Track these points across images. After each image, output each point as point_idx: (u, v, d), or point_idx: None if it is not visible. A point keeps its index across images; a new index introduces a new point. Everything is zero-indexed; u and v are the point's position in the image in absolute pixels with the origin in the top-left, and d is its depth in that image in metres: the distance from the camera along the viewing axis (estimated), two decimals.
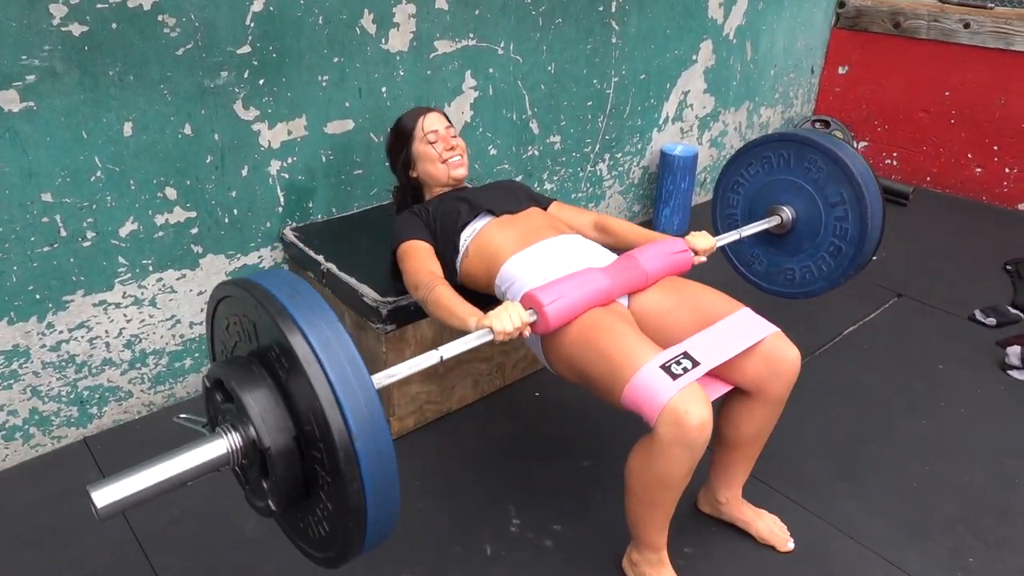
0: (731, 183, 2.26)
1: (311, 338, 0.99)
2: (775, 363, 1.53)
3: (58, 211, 1.82)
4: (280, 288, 1.05)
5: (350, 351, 1.01)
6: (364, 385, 1.00)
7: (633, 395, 1.36)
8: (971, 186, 3.89)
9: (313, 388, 0.97)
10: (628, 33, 2.99)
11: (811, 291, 2.13)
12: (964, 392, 2.33)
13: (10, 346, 1.87)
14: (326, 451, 1.00)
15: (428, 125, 1.96)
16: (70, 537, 1.75)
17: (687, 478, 1.40)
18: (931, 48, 3.82)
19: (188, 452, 1.06)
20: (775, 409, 1.60)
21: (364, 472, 0.99)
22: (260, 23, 1.98)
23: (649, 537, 1.53)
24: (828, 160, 2.01)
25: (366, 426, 0.98)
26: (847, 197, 1.99)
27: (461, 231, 1.85)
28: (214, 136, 2.00)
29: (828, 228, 2.05)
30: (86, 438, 2.07)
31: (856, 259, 2.02)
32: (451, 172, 1.96)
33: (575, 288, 1.50)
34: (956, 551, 1.75)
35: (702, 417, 1.31)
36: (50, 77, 1.70)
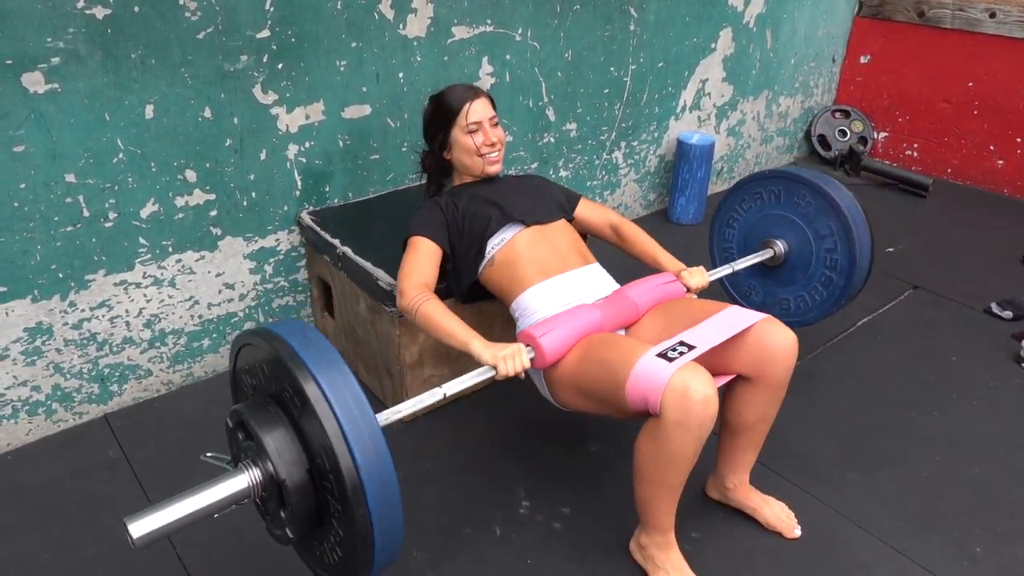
0: (726, 218, 2.36)
1: (321, 382, 1.11)
2: (770, 347, 1.56)
3: (81, 192, 1.86)
4: (294, 337, 1.18)
5: (356, 393, 1.13)
6: (368, 422, 1.12)
7: (635, 386, 1.39)
8: (993, 178, 3.84)
9: (323, 427, 1.09)
10: (647, 20, 2.98)
11: (806, 320, 2.21)
12: (977, 385, 2.32)
13: (34, 323, 1.91)
14: (336, 483, 1.11)
15: (472, 115, 1.81)
16: (91, 512, 1.80)
17: (694, 458, 1.42)
18: (955, 38, 3.77)
19: (214, 487, 1.18)
20: (776, 393, 1.62)
21: (370, 500, 1.10)
22: (279, 7, 2.00)
23: (657, 519, 1.55)
24: (816, 195, 2.10)
25: (371, 459, 1.10)
26: (835, 230, 2.08)
27: (489, 238, 1.82)
28: (233, 120, 2.03)
29: (819, 259, 2.14)
30: (107, 414, 2.12)
31: (847, 289, 2.10)
32: (486, 168, 1.87)
33: (569, 323, 1.60)
34: (963, 542, 1.75)
35: (705, 392, 1.34)
36: (74, 59, 1.73)
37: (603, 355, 1.51)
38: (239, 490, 1.18)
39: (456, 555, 1.70)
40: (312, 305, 2.44)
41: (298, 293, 2.40)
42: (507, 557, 1.69)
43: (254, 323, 2.33)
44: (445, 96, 1.86)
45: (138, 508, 1.77)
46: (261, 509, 1.27)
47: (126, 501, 1.82)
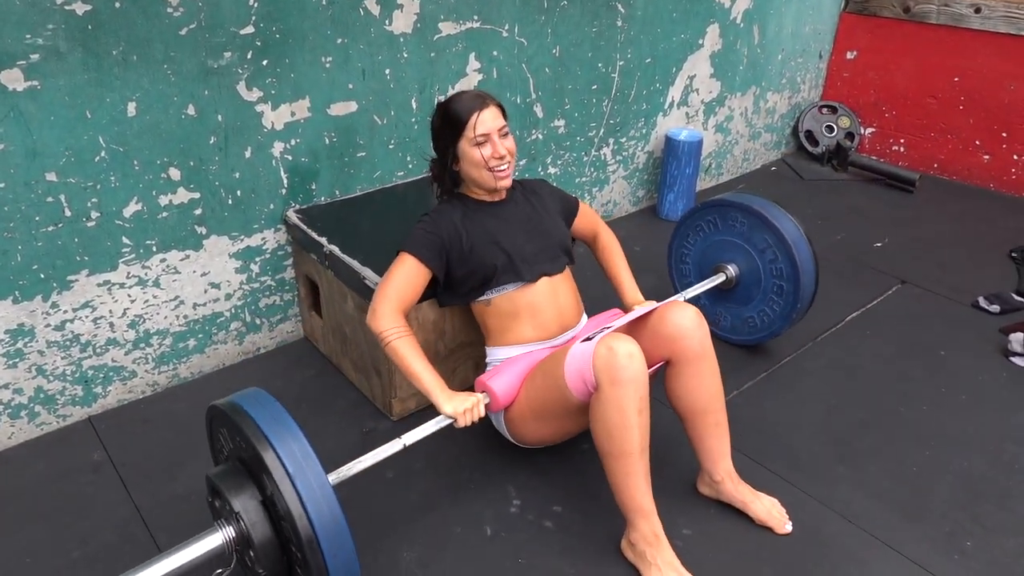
0: (679, 256, 2.51)
1: (279, 451, 1.28)
2: (674, 323, 1.69)
3: (62, 191, 1.83)
4: (256, 410, 1.35)
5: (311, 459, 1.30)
6: (321, 484, 1.29)
7: (570, 371, 1.57)
8: (979, 173, 3.86)
9: (281, 490, 1.26)
10: (634, 16, 2.97)
11: (774, 331, 2.31)
12: (966, 378, 2.33)
13: (15, 325, 1.88)
14: (295, 538, 1.28)
15: (481, 127, 1.71)
16: (75, 514, 1.77)
17: (642, 416, 1.52)
18: (941, 33, 3.78)
19: (193, 544, 1.34)
20: (700, 366, 1.70)
21: (326, 553, 1.27)
22: (264, 3, 1.97)
23: (633, 500, 1.57)
24: (747, 214, 2.25)
25: (325, 517, 1.27)
26: (771, 241, 2.21)
27: (490, 285, 1.80)
28: (217, 117, 2.01)
29: (766, 271, 2.26)
30: (91, 417, 2.09)
31: (798, 292, 2.20)
32: (495, 183, 1.78)
33: (518, 366, 1.75)
34: (954, 535, 1.76)
35: (628, 348, 1.49)
36: (54, 56, 1.71)
37: (541, 369, 1.69)
38: (215, 547, 1.35)
39: (446, 554, 1.68)
40: (299, 304, 2.42)
41: (285, 292, 2.37)
42: (498, 556, 1.68)
43: (240, 322, 2.30)
44: (453, 105, 1.75)
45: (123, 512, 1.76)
46: (240, 563, 1.43)
47: (110, 504, 1.80)
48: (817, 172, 4.06)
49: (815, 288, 2.26)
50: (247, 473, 1.37)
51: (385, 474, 1.89)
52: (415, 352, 1.67)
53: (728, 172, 3.95)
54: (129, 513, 1.77)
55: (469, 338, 2.12)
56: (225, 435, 1.45)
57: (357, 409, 2.14)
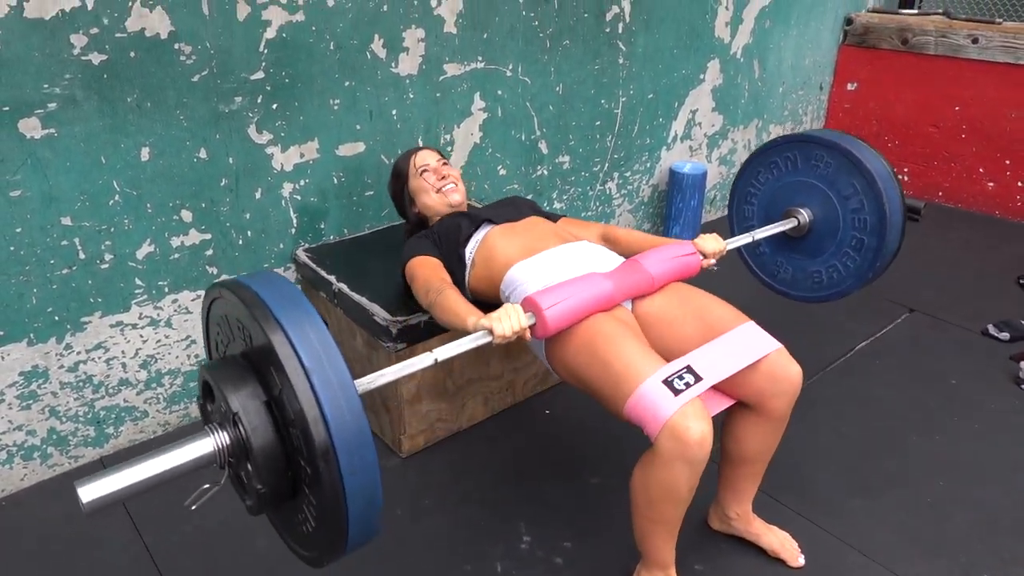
0: (744, 195, 2.26)
1: (294, 341, 1.01)
2: (777, 380, 1.53)
3: (77, 234, 1.86)
4: (266, 289, 1.08)
5: (330, 348, 1.03)
6: (344, 385, 1.02)
7: (635, 409, 1.38)
8: (983, 200, 3.87)
9: (294, 389, 0.99)
10: (635, 53, 3.03)
11: (842, 290, 2.09)
12: (977, 407, 2.31)
13: (29, 367, 1.90)
14: (307, 449, 1.02)
15: (419, 161, 2.05)
16: (85, 557, 1.77)
17: (690, 493, 1.40)
18: (940, 64, 3.83)
19: (176, 449, 1.08)
20: (778, 426, 1.60)
21: (342, 462, 1.00)
22: (273, 49, 2.03)
23: (656, 554, 1.53)
24: (834, 153, 1.99)
25: (344, 419, 1.00)
26: (859, 188, 1.96)
27: (465, 244, 1.88)
28: (228, 160, 2.05)
29: (846, 222, 2.01)
30: (103, 457, 2.10)
31: (880, 250, 1.98)
32: (447, 200, 2.01)
33: (576, 292, 1.50)
34: (970, 567, 1.73)
35: (702, 432, 1.32)
36: (71, 105, 1.76)
37: (608, 359, 1.44)
38: (204, 453, 1.09)
39: None
40: None
41: None
42: None
43: None
44: (395, 163, 2.13)
45: (133, 551, 1.77)
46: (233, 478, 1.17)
47: (121, 544, 1.80)
48: None
49: (898, 247, 2.03)
50: (250, 368, 1.11)
51: (394, 511, 1.89)
52: (455, 295, 1.60)
53: None
54: (140, 553, 1.78)
55: (477, 374, 2.13)
56: (225, 324, 1.19)
57: None
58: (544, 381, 2.36)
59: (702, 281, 1.74)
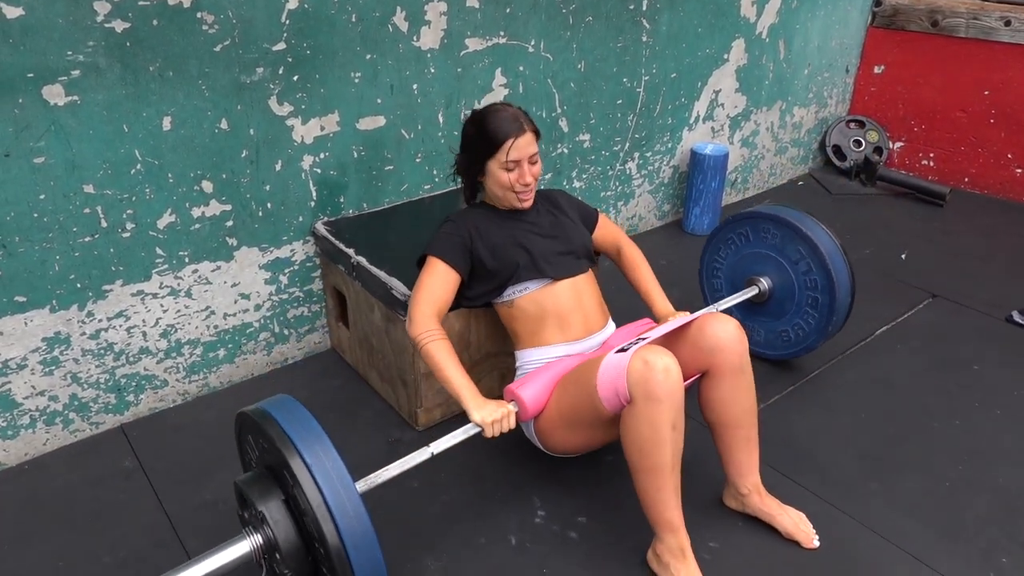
0: (711, 270, 2.48)
1: (307, 459, 1.27)
2: (713, 336, 1.65)
3: (99, 202, 1.88)
4: (284, 416, 1.35)
5: (339, 468, 1.29)
6: (350, 494, 1.28)
7: (603, 383, 1.53)
8: (1011, 187, 3.80)
9: (309, 500, 1.25)
10: (659, 32, 2.99)
11: (809, 346, 2.27)
12: (1000, 393, 2.28)
13: (52, 333, 1.93)
14: (323, 549, 1.27)
15: (514, 152, 1.72)
16: (107, 521, 1.80)
17: (676, 432, 1.49)
18: (970, 46, 3.75)
19: (221, 552, 1.34)
20: (736, 380, 1.67)
21: (354, 565, 1.26)
22: (295, 20, 2.02)
23: (663, 512, 1.55)
24: (779, 225, 2.22)
25: (353, 528, 1.26)
26: (804, 252, 2.18)
27: (513, 283, 1.82)
28: (249, 131, 2.05)
29: (800, 284, 2.22)
30: (123, 424, 2.13)
31: (833, 306, 2.16)
32: (515, 205, 1.83)
33: (548, 374, 1.72)
34: (989, 552, 1.71)
35: (665, 362, 1.46)
36: (93, 72, 1.76)
37: (573, 378, 1.65)
38: (243, 554, 1.35)
39: (471, 565, 1.68)
40: (327, 315, 2.45)
41: (313, 303, 2.40)
42: (523, 566, 1.67)
43: (269, 333, 2.33)
44: (488, 123, 1.74)
45: (153, 518, 1.79)
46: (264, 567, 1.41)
47: (141, 510, 1.83)
48: (845, 187, 4.03)
49: (851, 300, 2.21)
50: (274, 479, 1.37)
51: (410, 484, 1.90)
52: (449, 356, 1.66)
53: (754, 186, 3.94)
54: (159, 519, 1.80)
55: (495, 348, 2.13)
56: (252, 442, 1.45)
57: (383, 419, 2.15)
58: None
59: None
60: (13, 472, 1.96)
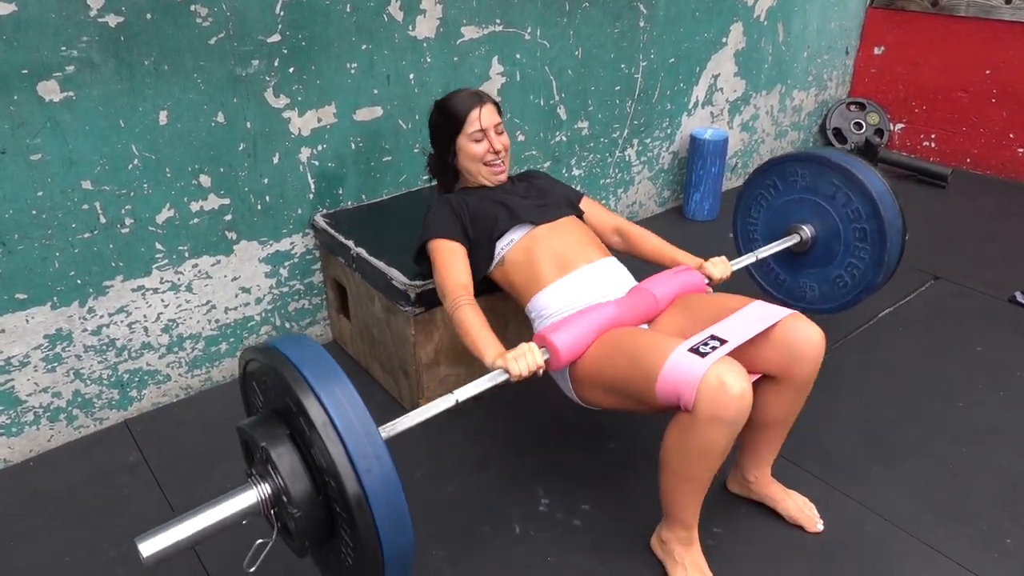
0: (746, 234, 2.33)
1: (323, 398, 1.11)
2: (797, 344, 1.51)
3: (97, 198, 1.87)
4: (296, 352, 1.17)
5: (358, 407, 1.13)
6: (371, 436, 1.12)
7: (668, 381, 1.36)
8: (1013, 166, 3.78)
9: (325, 442, 1.08)
10: (656, 16, 2.97)
11: (868, 284, 2.12)
12: (1003, 375, 2.28)
13: (53, 330, 1.93)
14: (340, 496, 1.11)
15: (478, 122, 1.81)
16: (112, 515, 1.81)
17: (725, 452, 1.39)
18: (971, 25, 3.72)
19: (224, 502, 1.19)
20: (802, 391, 1.58)
21: (376, 512, 1.10)
22: (290, 11, 2.01)
23: (682, 514, 1.53)
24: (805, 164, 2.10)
25: (374, 472, 1.10)
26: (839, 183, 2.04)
27: (497, 240, 1.82)
28: (246, 124, 2.04)
29: (843, 219, 2.08)
30: (127, 420, 2.14)
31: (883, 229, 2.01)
32: (490, 177, 1.88)
33: (584, 321, 1.57)
34: (993, 533, 1.71)
35: (742, 387, 1.31)
36: (88, 67, 1.75)
37: (629, 350, 1.47)
38: (248, 505, 1.20)
39: (475, 553, 1.69)
40: (328, 307, 2.45)
41: (314, 296, 2.40)
42: (527, 554, 1.68)
43: (271, 327, 2.33)
44: (450, 103, 1.84)
45: (157, 512, 1.80)
46: (275, 524, 1.27)
47: (146, 504, 1.83)
48: None
49: (902, 221, 2.06)
50: (284, 424, 1.21)
51: (414, 474, 1.90)
52: (474, 316, 1.61)
53: None
54: (164, 513, 1.81)
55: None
56: (259, 384, 1.29)
57: (385, 410, 2.16)
58: None
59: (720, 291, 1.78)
60: (18, 468, 1.97)
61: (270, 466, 1.17)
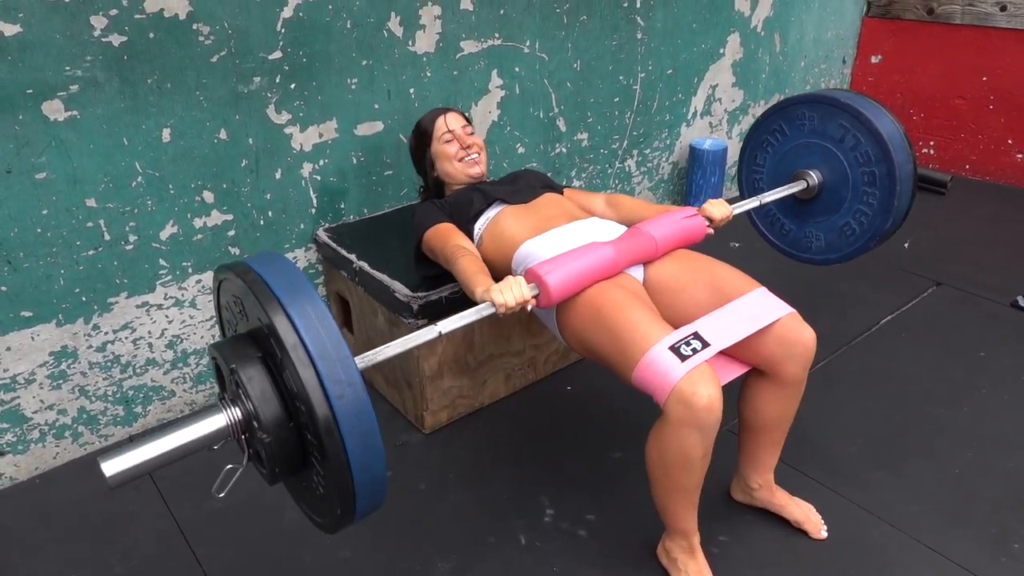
0: (751, 182, 2.28)
1: (295, 319, 1.06)
2: (790, 343, 1.51)
3: (102, 216, 1.89)
4: (267, 268, 1.12)
5: (330, 327, 1.07)
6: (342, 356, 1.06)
7: (643, 376, 1.37)
8: (1012, 172, 3.79)
9: (291, 358, 1.03)
10: (654, 28, 2.99)
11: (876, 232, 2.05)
12: (1007, 379, 2.27)
13: (59, 347, 1.94)
14: (311, 425, 1.06)
15: (445, 125, 2.02)
16: (118, 531, 1.81)
17: (704, 459, 1.40)
18: (967, 33, 3.74)
19: (191, 425, 1.14)
20: (794, 391, 1.58)
21: (345, 436, 1.05)
22: (291, 29, 2.03)
23: (678, 522, 1.53)
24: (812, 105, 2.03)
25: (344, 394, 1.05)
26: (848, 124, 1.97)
27: (475, 220, 1.89)
28: (248, 140, 2.06)
29: (851, 163, 2.01)
30: (132, 436, 2.14)
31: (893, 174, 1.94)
32: (467, 170, 2.01)
33: (578, 259, 1.51)
34: (1000, 537, 1.71)
35: (710, 397, 1.31)
36: (92, 86, 1.77)
37: (615, 325, 1.44)
38: (218, 428, 1.15)
39: (481, 564, 1.68)
40: None
41: None
42: (533, 565, 1.68)
43: None
44: (419, 122, 2.08)
45: (163, 526, 1.80)
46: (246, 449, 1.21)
47: (151, 519, 1.84)
48: None
49: (912, 167, 1.98)
50: (256, 346, 1.15)
51: (418, 486, 1.91)
52: (469, 263, 1.60)
53: None
54: (170, 527, 1.81)
55: (499, 350, 2.13)
56: (232, 304, 1.24)
57: (389, 422, 2.16)
58: (565, 357, 2.36)
59: (722, 253, 1.72)
60: (24, 486, 1.97)
61: (240, 389, 1.13)
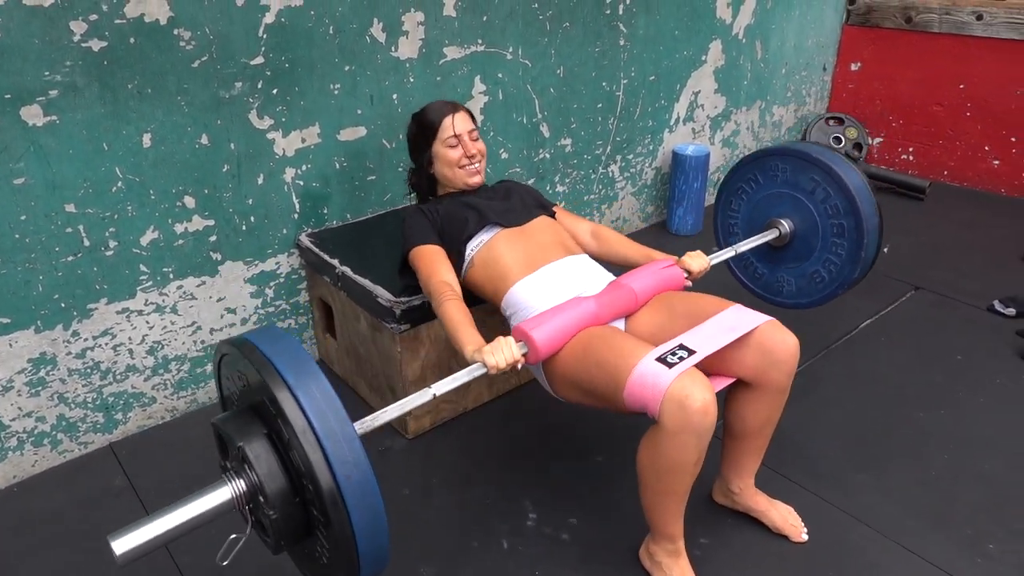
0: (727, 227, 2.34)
1: (296, 392, 1.09)
2: (772, 351, 1.53)
3: (81, 221, 1.88)
4: (269, 346, 1.16)
5: (333, 402, 1.11)
6: (346, 431, 1.10)
7: (634, 390, 1.38)
8: (989, 178, 3.85)
9: (299, 438, 1.07)
10: (636, 35, 3.02)
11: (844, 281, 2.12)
12: (984, 382, 2.31)
13: (37, 354, 1.92)
14: (315, 493, 1.10)
15: (451, 128, 1.91)
16: (98, 539, 1.78)
17: (696, 465, 1.41)
18: (944, 41, 3.80)
19: (198, 499, 1.17)
20: (778, 398, 1.60)
21: (351, 511, 1.08)
22: (273, 34, 2.03)
23: (666, 527, 1.53)
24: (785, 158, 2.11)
25: (350, 469, 1.08)
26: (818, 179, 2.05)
27: (467, 242, 1.84)
28: (230, 145, 2.05)
29: (821, 214, 2.08)
30: (112, 443, 2.12)
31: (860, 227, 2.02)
32: (466, 178, 1.95)
33: (563, 316, 1.56)
34: (977, 539, 1.73)
35: (704, 399, 1.32)
36: (71, 92, 1.76)
37: (601, 355, 1.48)
38: (222, 502, 1.17)
39: (464, 569, 1.68)
40: (313, 327, 2.45)
41: (299, 315, 2.41)
42: (516, 569, 1.68)
43: None
44: (425, 113, 1.96)
45: None
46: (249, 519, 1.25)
47: None
48: None
49: (879, 219, 2.07)
50: (260, 421, 1.18)
51: (401, 490, 1.90)
52: (457, 310, 1.61)
53: None
54: None
55: None
56: (235, 378, 1.27)
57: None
58: None
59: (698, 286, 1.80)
60: (2, 495, 1.95)
61: (246, 464, 1.15)
